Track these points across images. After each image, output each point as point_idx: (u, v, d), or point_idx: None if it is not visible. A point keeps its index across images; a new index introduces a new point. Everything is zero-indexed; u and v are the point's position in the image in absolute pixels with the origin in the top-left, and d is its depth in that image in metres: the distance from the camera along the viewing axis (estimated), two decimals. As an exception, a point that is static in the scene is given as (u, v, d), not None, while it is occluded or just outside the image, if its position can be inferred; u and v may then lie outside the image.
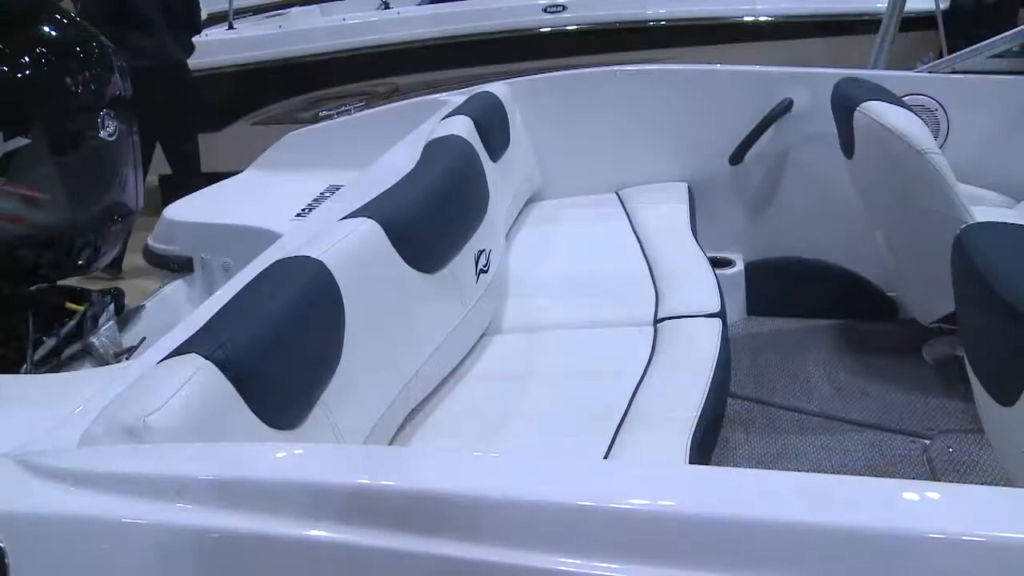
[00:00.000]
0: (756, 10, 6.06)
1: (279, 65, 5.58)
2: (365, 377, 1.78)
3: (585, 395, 2.11)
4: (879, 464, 2.57)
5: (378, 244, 1.94)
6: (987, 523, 0.96)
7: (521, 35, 5.70)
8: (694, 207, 3.11)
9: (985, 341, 1.53)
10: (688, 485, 1.07)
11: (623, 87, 3.32)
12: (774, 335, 3.24)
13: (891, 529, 0.95)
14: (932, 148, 2.45)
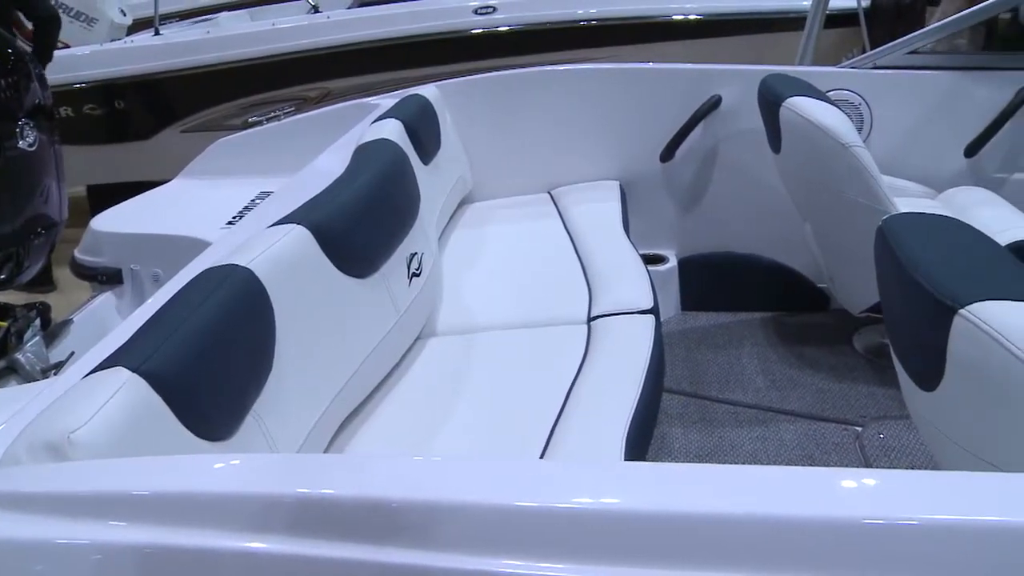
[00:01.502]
0: (685, 8, 6.12)
1: (208, 71, 5.50)
2: (298, 385, 1.76)
3: (520, 395, 2.11)
4: (814, 453, 2.62)
5: (308, 250, 1.92)
6: (920, 507, 0.98)
7: (452, 37, 5.69)
8: (626, 205, 3.14)
9: (907, 329, 1.57)
10: (623, 481, 1.07)
11: (554, 87, 3.33)
12: (708, 329, 3.28)
13: (831, 517, 0.97)
14: (855, 141, 2.50)
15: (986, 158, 3.32)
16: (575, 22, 5.88)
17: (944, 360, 1.37)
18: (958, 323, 1.29)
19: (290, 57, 5.53)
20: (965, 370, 1.36)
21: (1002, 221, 2.92)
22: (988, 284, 1.33)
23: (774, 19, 6.07)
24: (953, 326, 1.31)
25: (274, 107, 5.29)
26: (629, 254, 2.71)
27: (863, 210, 2.46)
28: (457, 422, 2.04)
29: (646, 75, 3.29)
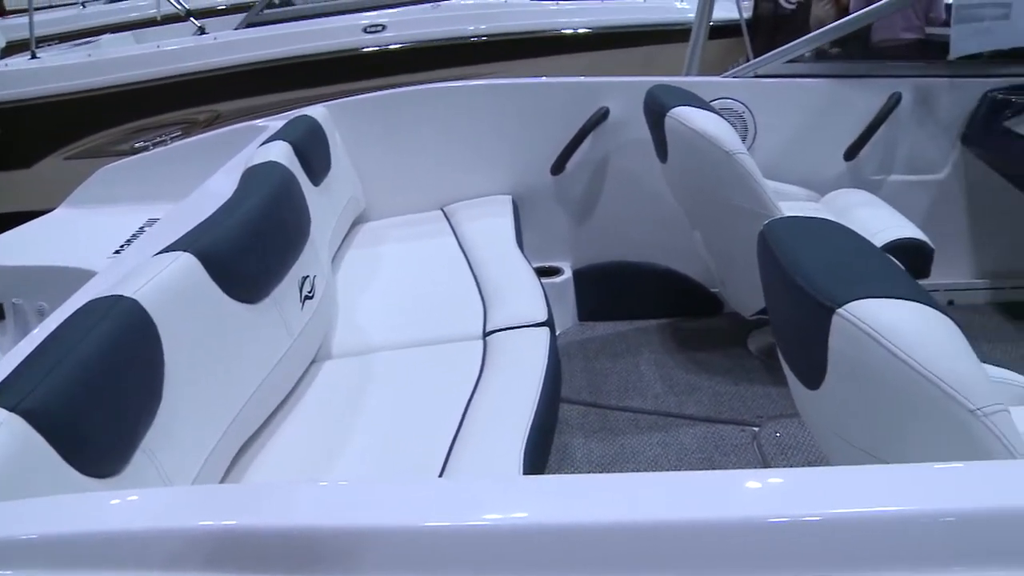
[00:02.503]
0: (574, 22, 6.20)
1: (91, 95, 5.34)
2: (190, 415, 1.72)
3: (417, 414, 2.10)
4: (713, 455, 2.67)
5: (195, 277, 1.88)
6: (820, 503, 1.01)
7: (343, 56, 5.66)
8: (519, 219, 3.16)
9: (791, 330, 1.61)
10: (520, 496, 1.07)
11: (444, 104, 3.34)
12: (605, 339, 3.31)
13: (736, 519, 0.99)
14: (739, 149, 2.56)
15: (864, 161, 3.45)
16: (466, 38, 5.92)
17: (826, 359, 1.41)
18: (836, 322, 1.33)
19: (177, 80, 5.43)
20: (845, 367, 1.40)
21: (881, 221, 3.03)
22: (863, 283, 1.37)
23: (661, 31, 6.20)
24: (832, 325, 1.34)
25: (161, 131, 5.18)
26: (522, 268, 2.72)
27: (749, 215, 2.53)
28: (355, 445, 2.02)
29: (535, 89, 3.32)
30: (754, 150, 3.35)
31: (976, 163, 3.54)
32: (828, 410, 1.57)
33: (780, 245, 1.57)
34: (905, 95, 3.41)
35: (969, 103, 3.47)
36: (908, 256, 2.89)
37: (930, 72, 3.49)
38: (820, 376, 1.46)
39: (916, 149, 3.51)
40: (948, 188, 3.56)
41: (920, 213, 3.48)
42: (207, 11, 6.56)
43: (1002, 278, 3.71)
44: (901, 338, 1.28)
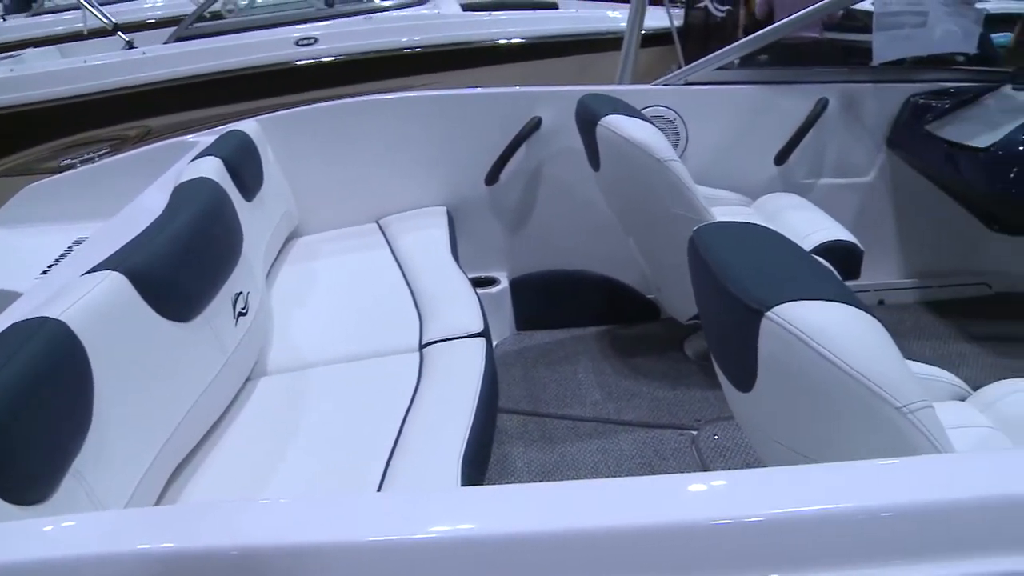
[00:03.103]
0: (508, 32, 6.22)
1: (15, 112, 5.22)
2: (121, 438, 1.69)
3: (354, 429, 2.09)
4: (653, 460, 2.68)
5: (125, 297, 1.84)
6: (761, 503, 1.04)
7: (276, 70, 5.61)
8: (454, 230, 3.15)
9: (722, 334, 1.62)
10: (461, 507, 1.07)
11: (377, 116, 3.32)
12: (544, 347, 3.32)
13: (681, 522, 1.00)
14: (670, 156, 2.59)
15: (794, 165, 3.51)
16: (399, 50, 5.90)
17: (756, 362, 1.43)
18: (765, 325, 1.35)
19: (106, 95, 5.33)
20: (775, 370, 1.42)
21: (811, 224, 3.09)
22: (791, 286, 1.39)
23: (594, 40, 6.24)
24: (761, 328, 1.36)
25: (91, 148, 5.08)
26: (458, 279, 2.72)
27: (681, 221, 2.55)
28: (292, 461, 2.00)
29: (468, 100, 3.32)
30: (686, 156, 3.39)
31: (901, 166, 3.62)
32: (760, 412, 1.59)
33: (709, 250, 1.59)
34: (832, 100, 3.47)
35: (893, 107, 3.56)
36: (838, 258, 2.94)
37: (855, 78, 3.57)
38: (751, 379, 1.48)
39: (844, 153, 3.58)
40: (875, 190, 3.64)
41: (849, 215, 3.55)
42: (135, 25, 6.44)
43: (929, 277, 3.79)
44: (828, 339, 1.31)
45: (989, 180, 3.09)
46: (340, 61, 5.77)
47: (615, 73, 3.76)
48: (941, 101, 3.47)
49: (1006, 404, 2.01)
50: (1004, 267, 3.80)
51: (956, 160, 3.23)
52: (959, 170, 3.27)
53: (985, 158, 3.06)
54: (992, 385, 2.08)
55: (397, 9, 6.27)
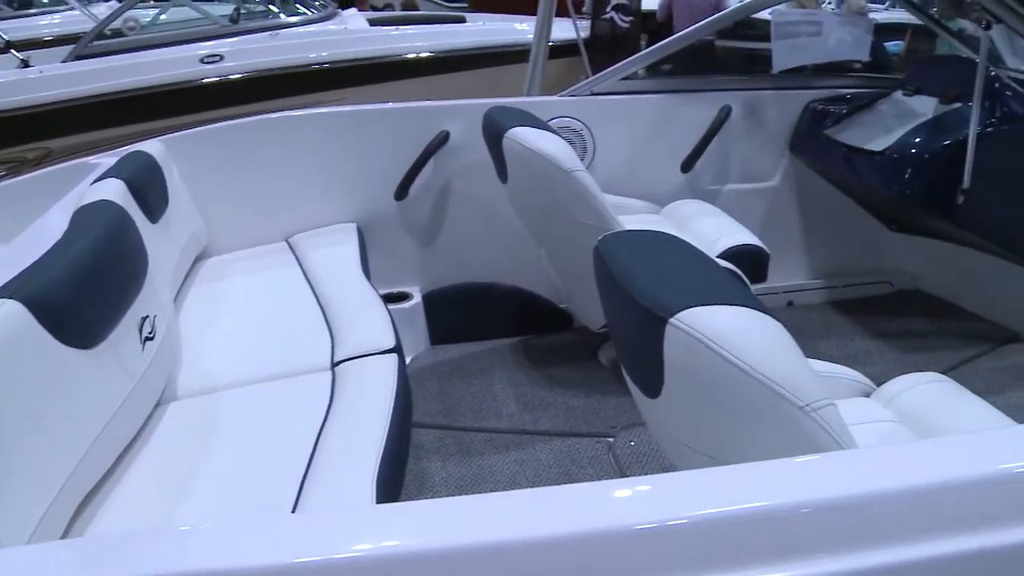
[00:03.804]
0: (416, 47, 6.23)
1: (-100, 136, 5.05)
2: (23, 471, 1.63)
3: (267, 451, 2.06)
4: (571, 468, 2.69)
5: (22, 325, 1.78)
6: (682, 507, 1.07)
7: (180, 88, 5.51)
8: (365, 246, 3.13)
9: (629, 341, 1.64)
10: (375, 525, 1.06)
11: (285, 133, 3.28)
12: (459, 361, 3.31)
13: (605, 529, 1.01)
14: (576, 166, 2.61)
15: (700, 172, 3.57)
16: (307, 66, 5.86)
17: (662, 367, 1.45)
18: (669, 331, 1.37)
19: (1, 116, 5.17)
20: (681, 375, 1.44)
21: (718, 229, 3.14)
22: (694, 292, 1.41)
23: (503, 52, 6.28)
24: (665, 334, 1.38)
25: (-13, 171, 4.92)
26: (369, 295, 2.70)
27: (589, 231, 2.57)
28: (204, 487, 1.96)
29: (375, 115, 3.31)
30: (594, 166, 3.42)
31: (804, 170, 3.71)
32: (669, 418, 1.61)
33: (613, 259, 1.60)
34: (735, 108, 3.55)
35: (793, 114, 3.65)
36: (745, 261, 3.00)
37: (756, 85, 3.66)
38: (659, 385, 1.50)
39: (748, 159, 3.66)
40: (780, 194, 3.73)
41: (755, 220, 3.62)
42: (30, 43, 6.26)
43: (835, 277, 3.89)
44: (731, 343, 1.33)
45: (886, 182, 3.18)
46: (247, 78, 5.70)
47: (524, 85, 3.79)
48: (838, 107, 3.58)
49: (907, 398, 2.07)
50: (904, 266, 3.92)
51: (854, 163, 3.33)
52: (858, 173, 3.36)
53: (881, 161, 3.16)
54: (894, 380, 2.14)
55: (304, 25, 6.24)
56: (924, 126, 3.24)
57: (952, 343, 3.44)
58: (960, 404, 2.06)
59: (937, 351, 3.39)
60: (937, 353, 3.38)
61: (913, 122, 3.28)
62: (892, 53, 7.36)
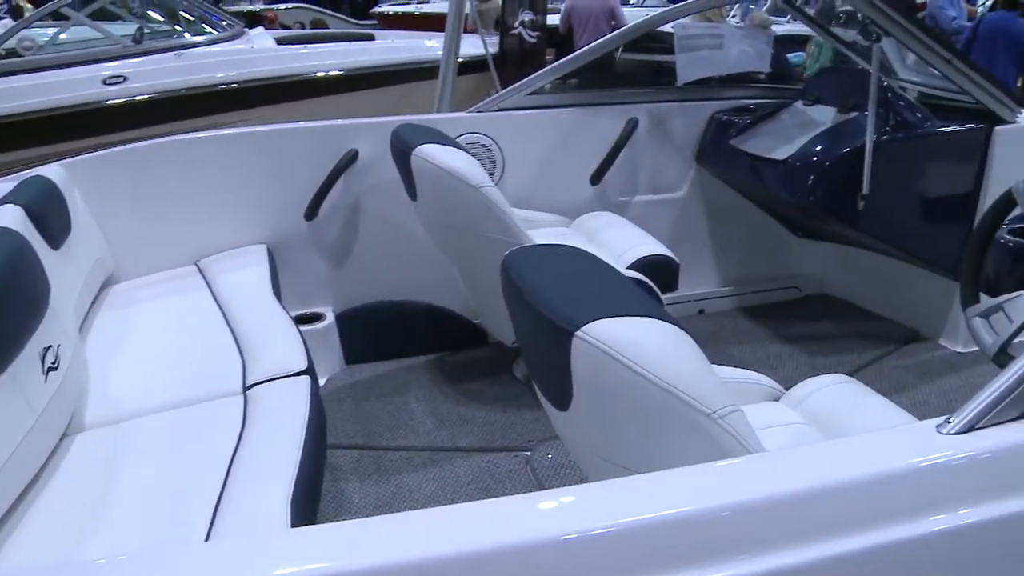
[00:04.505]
0: (326, 64, 6.19)
1: None
2: None
3: (179, 479, 2.01)
4: (489, 484, 2.69)
5: None
6: (605, 515, 1.09)
7: (82, 110, 5.39)
8: (275, 267, 3.09)
9: (537, 355, 1.65)
10: (290, 550, 1.05)
11: (192, 155, 3.22)
12: (374, 380, 3.29)
13: (529, 541, 1.02)
14: (484, 182, 2.62)
15: (610, 184, 3.61)
16: (215, 86, 5.79)
17: (571, 380, 1.45)
18: (576, 344, 1.38)
19: None
20: (589, 387, 1.45)
21: (628, 240, 3.18)
22: (599, 304, 1.42)
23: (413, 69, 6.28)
24: (572, 347, 1.39)
25: None
26: (280, 317, 2.67)
27: (499, 246, 2.58)
28: (113, 519, 1.91)
29: (283, 135, 3.27)
30: (503, 181, 3.43)
31: (711, 180, 3.78)
32: (581, 430, 1.62)
33: (520, 274, 1.61)
34: (642, 120, 3.60)
35: (699, 125, 3.72)
36: (656, 272, 3.04)
37: (662, 98, 3.72)
38: (568, 398, 1.50)
39: (656, 170, 3.71)
40: (688, 205, 3.79)
41: (665, 230, 3.67)
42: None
43: (745, 284, 3.97)
44: (637, 353, 1.34)
45: (789, 189, 3.26)
46: (152, 99, 5.61)
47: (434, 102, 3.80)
48: (742, 117, 3.66)
49: (814, 400, 2.12)
50: (811, 270, 4.02)
51: (759, 172, 3.40)
52: (763, 181, 3.44)
53: (784, 169, 3.24)
54: (802, 384, 2.19)
55: (210, 45, 6.15)
56: (824, 135, 3.33)
57: (859, 344, 3.53)
58: (865, 404, 2.12)
59: (845, 353, 3.48)
60: (845, 355, 3.46)
61: (813, 131, 3.37)
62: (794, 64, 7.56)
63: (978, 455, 1.33)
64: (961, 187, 3.24)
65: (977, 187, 3.21)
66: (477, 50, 4.59)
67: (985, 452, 1.33)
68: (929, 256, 3.31)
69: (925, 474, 1.32)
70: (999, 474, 1.35)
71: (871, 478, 1.29)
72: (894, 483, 1.31)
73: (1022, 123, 3.18)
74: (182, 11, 6.49)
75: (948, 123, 3.28)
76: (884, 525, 1.26)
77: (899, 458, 1.32)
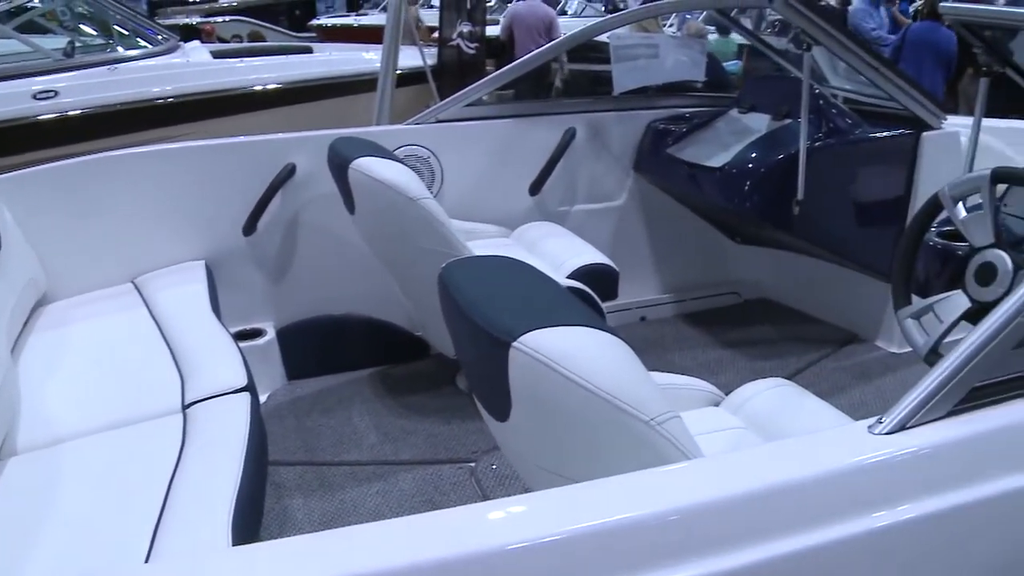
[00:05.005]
0: (264, 78, 6.15)
1: None
2: None
3: (117, 501, 1.98)
4: (434, 496, 2.68)
5: None
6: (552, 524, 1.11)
7: (11, 126, 5.28)
8: (214, 283, 3.05)
9: (476, 367, 1.65)
10: (231, 567, 1.04)
11: (128, 171, 3.16)
12: (317, 395, 3.26)
13: (478, 552, 1.03)
14: (423, 194, 2.62)
15: (549, 194, 3.63)
16: (150, 101, 5.71)
17: (509, 391, 1.46)
18: (513, 355, 1.38)
19: None
20: (528, 398, 1.45)
21: (567, 250, 3.20)
22: (536, 315, 1.43)
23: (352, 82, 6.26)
24: (510, 358, 1.39)
25: None
26: (219, 334, 2.63)
27: (438, 258, 2.57)
28: (51, 542, 1.87)
29: (220, 150, 3.24)
30: (442, 193, 3.43)
31: (649, 188, 3.82)
32: (521, 440, 1.63)
33: (457, 286, 1.61)
34: (579, 130, 3.63)
35: (636, 133, 3.75)
36: (596, 281, 3.06)
37: (600, 107, 3.75)
38: (507, 409, 1.51)
39: (595, 179, 3.74)
40: (627, 213, 3.82)
41: (605, 238, 3.70)
42: None
43: (685, 291, 4.01)
44: (574, 363, 1.35)
45: (726, 196, 3.31)
46: (85, 115, 5.51)
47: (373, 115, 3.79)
48: (679, 125, 3.70)
49: (753, 405, 2.15)
50: (750, 276, 4.08)
51: (696, 179, 3.44)
52: (700, 188, 3.48)
53: (720, 176, 3.28)
54: (741, 388, 2.22)
55: (144, 59, 6.06)
56: (759, 142, 3.39)
57: (798, 348, 3.58)
58: (802, 407, 2.16)
59: (784, 356, 3.53)
60: (785, 358, 3.51)
61: (748, 138, 3.43)
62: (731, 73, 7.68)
63: (908, 454, 1.36)
64: (892, 191, 3.31)
65: (908, 191, 3.28)
66: (416, 62, 4.59)
67: (915, 450, 1.37)
68: (863, 259, 3.38)
69: (858, 474, 1.35)
70: (929, 472, 1.39)
71: (806, 480, 1.32)
72: (829, 484, 1.33)
73: (947, 129, 3.27)
74: (115, 25, 6.39)
75: (879, 129, 3.36)
76: (821, 525, 1.29)
77: (833, 459, 1.35)
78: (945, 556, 1.43)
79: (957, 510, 1.37)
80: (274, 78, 6.15)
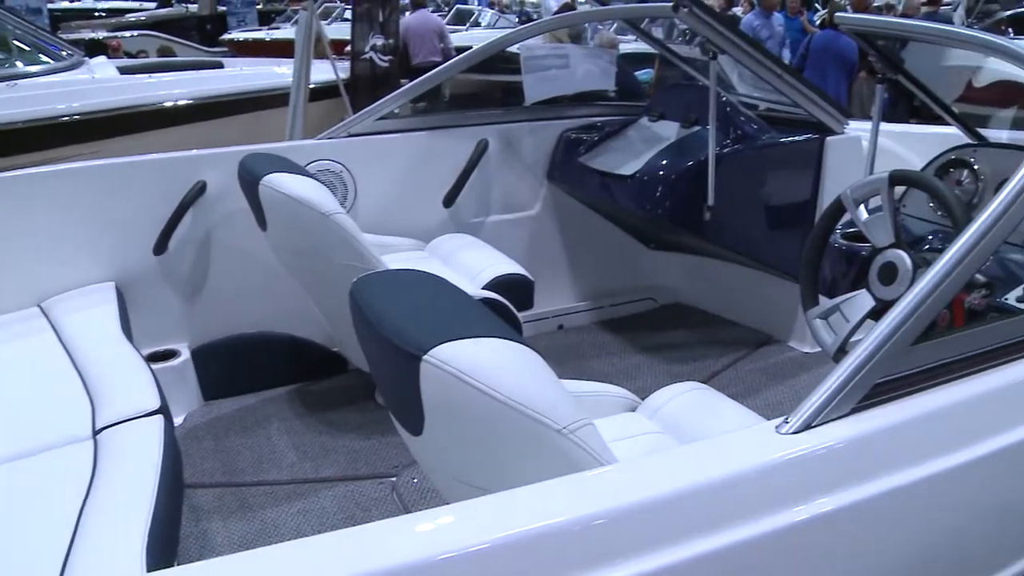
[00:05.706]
0: (174, 94, 6.03)
1: None
2: None
3: (25, 531, 1.92)
4: (355, 513, 2.66)
5: None
6: (481, 531, 1.13)
7: None
8: (125, 305, 2.98)
9: (388, 381, 1.65)
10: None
11: (31, 191, 3.07)
12: (234, 415, 3.21)
13: (403, 565, 1.04)
14: (334, 209, 2.61)
15: (463, 206, 3.64)
16: (54, 118, 5.55)
17: (421, 405, 1.46)
18: (424, 368, 1.38)
19: None
20: (440, 411, 1.46)
21: (482, 261, 3.21)
22: (445, 328, 1.43)
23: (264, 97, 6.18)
24: (421, 372, 1.39)
25: None
26: (130, 356, 2.58)
27: (353, 272, 2.55)
28: None
29: (127, 168, 3.17)
30: (356, 207, 3.42)
31: (563, 197, 3.85)
32: (436, 454, 1.63)
33: (367, 301, 1.61)
34: (492, 141, 3.65)
35: (549, 143, 3.79)
36: (511, 290, 3.08)
37: (511, 118, 3.77)
38: (420, 422, 1.51)
39: (508, 189, 3.76)
40: (542, 222, 3.85)
41: (520, 249, 3.72)
42: None
43: (602, 298, 4.05)
44: (484, 374, 1.36)
45: (638, 203, 3.36)
46: (-13, 132, 5.33)
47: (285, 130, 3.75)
48: (590, 134, 3.74)
49: (669, 409, 2.19)
50: (665, 281, 4.14)
51: (609, 188, 3.49)
52: (612, 196, 3.52)
53: (632, 184, 3.33)
54: (657, 393, 2.25)
55: (47, 75, 5.90)
56: (669, 149, 3.44)
57: (714, 351, 3.64)
58: (717, 409, 2.20)
59: (701, 360, 3.59)
60: (701, 361, 3.57)
61: (659, 146, 3.48)
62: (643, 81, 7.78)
63: (812, 452, 1.40)
64: (800, 195, 3.39)
65: (815, 194, 3.37)
66: (328, 76, 4.56)
67: (819, 448, 1.41)
68: (774, 262, 3.45)
69: (766, 474, 1.39)
70: (833, 469, 1.43)
71: (717, 481, 1.35)
72: (740, 484, 1.36)
73: (850, 134, 3.36)
74: (15, 39, 6.21)
75: (785, 135, 3.44)
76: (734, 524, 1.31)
77: (742, 460, 1.38)
78: (853, 550, 1.47)
79: (861, 505, 1.41)
80: (184, 94, 6.04)
